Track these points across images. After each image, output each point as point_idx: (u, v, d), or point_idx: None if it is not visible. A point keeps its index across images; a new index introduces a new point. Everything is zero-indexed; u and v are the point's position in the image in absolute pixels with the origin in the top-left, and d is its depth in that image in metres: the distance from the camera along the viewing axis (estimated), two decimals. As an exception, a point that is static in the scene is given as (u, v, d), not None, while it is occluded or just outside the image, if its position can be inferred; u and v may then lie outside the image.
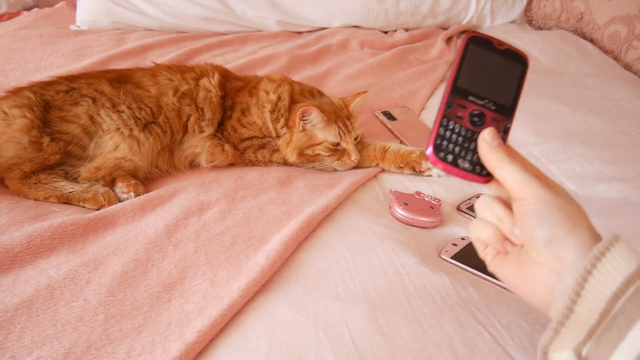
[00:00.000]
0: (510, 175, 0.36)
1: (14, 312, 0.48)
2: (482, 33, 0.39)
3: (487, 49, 0.38)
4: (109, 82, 0.74)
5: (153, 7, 1.31)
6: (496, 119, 0.38)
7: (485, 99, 0.38)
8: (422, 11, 1.45)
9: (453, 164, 0.37)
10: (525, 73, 0.39)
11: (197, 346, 0.45)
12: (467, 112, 0.38)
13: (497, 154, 0.36)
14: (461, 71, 0.38)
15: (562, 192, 0.36)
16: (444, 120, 0.38)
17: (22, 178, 0.67)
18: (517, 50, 0.39)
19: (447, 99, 0.38)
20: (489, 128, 0.37)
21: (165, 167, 0.76)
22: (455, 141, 0.38)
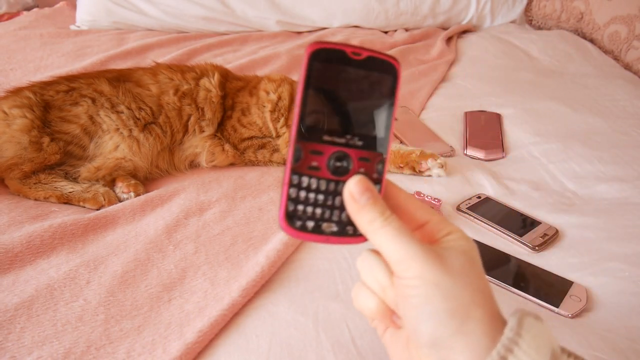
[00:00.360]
0: (385, 243, 0.26)
1: (14, 312, 0.48)
2: (328, 42, 0.27)
3: (339, 64, 0.27)
4: (109, 82, 0.74)
5: (153, 7, 1.31)
6: (366, 157, 0.28)
7: (347, 134, 0.28)
8: (423, 11, 1.45)
9: (316, 231, 0.28)
10: (398, 84, 0.28)
11: (197, 346, 0.45)
12: (324, 158, 0.28)
13: (367, 214, 0.27)
14: (307, 103, 0.27)
15: (454, 263, 0.26)
16: (293, 178, 0.28)
17: (22, 178, 0.67)
18: (382, 55, 0.28)
19: (294, 149, 0.27)
20: (355, 177, 0.28)
21: (166, 167, 0.76)
22: (315, 201, 0.28)
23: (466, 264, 0.26)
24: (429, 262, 0.26)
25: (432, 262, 0.26)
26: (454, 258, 0.26)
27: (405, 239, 0.26)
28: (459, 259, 0.26)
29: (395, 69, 0.29)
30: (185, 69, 0.80)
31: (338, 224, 0.29)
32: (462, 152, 0.86)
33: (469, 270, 0.26)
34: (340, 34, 1.37)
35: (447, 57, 1.26)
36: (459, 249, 0.27)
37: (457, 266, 0.26)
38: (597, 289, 0.55)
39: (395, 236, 0.26)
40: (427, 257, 0.26)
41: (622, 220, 0.66)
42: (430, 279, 0.25)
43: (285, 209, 0.28)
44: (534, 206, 0.70)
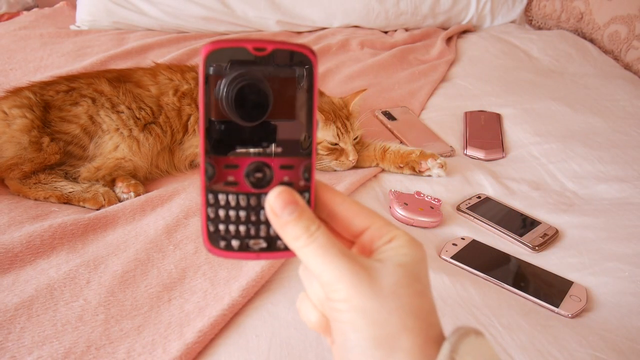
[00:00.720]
0: (311, 262, 0.24)
1: (14, 312, 0.48)
2: (225, 40, 0.24)
3: (241, 64, 0.24)
4: (109, 82, 0.74)
5: (153, 7, 1.31)
6: (288, 164, 0.25)
7: (263, 142, 0.25)
8: (423, 11, 1.45)
9: (243, 249, 0.26)
10: (314, 77, 0.25)
11: (197, 346, 0.45)
12: (241, 171, 0.25)
13: (291, 230, 0.24)
14: (211, 113, 0.24)
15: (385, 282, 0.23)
16: (209, 197, 0.25)
17: (22, 178, 0.67)
18: (292, 46, 0.25)
19: (205, 165, 0.25)
20: (275, 190, 0.25)
21: (165, 167, 0.76)
22: (237, 219, 0.25)
23: (401, 281, 0.23)
24: (358, 283, 0.22)
25: (361, 283, 0.22)
26: (387, 275, 0.23)
27: (332, 257, 0.23)
28: (393, 275, 0.23)
29: (308, 59, 0.25)
30: (185, 69, 0.80)
31: (267, 239, 0.26)
32: (462, 152, 0.86)
33: (404, 289, 0.23)
34: (340, 34, 1.37)
35: (447, 57, 1.26)
36: (396, 261, 0.24)
37: (389, 285, 0.23)
38: (597, 289, 0.55)
39: (321, 255, 0.23)
40: (356, 278, 0.23)
41: (622, 220, 0.66)
42: (357, 304, 0.22)
43: (207, 230, 0.25)
44: (534, 206, 0.70)
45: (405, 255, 0.24)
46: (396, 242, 0.25)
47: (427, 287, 0.24)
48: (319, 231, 0.24)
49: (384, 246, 0.25)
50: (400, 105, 0.99)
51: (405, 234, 0.25)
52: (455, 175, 0.78)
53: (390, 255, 0.24)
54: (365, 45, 1.31)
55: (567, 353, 0.45)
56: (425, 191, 0.72)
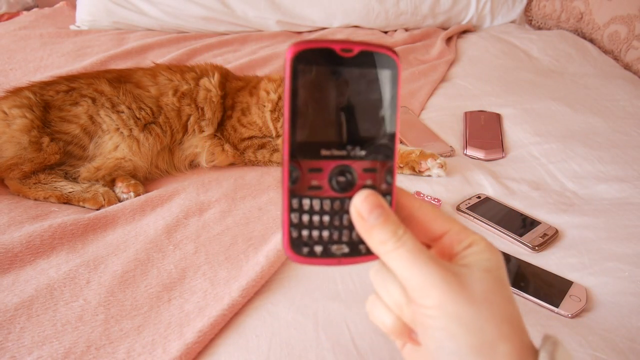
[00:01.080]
0: (400, 267, 0.24)
1: (13, 312, 0.48)
2: (311, 41, 0.24)
3: (329, 64, 0.24)
4: (109, 82, 0.74)
5: (153, 7, 1.31)
6: (371, 167, 0.25)
7: (348, 145, 0.25)
8: (422, 11, 1.45)
9: (326, 255, 0.25)
10: (399, 79, 0.25)
11: (197, 346, 0.45)
12: (325, 175, 0.25)
13: (378, 234, 0.24)
14: (296, 116, 0.24)
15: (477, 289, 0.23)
16: (292, 202, 0.25)
17: (22, 178, 0.67)
18: (378, 47, 0.25)
19: (289, 169, 0.24)
20: (362, 193, 0.25)
21: (165, 167, 0.76)
22: (320, 224, 0.25)
23: (491, 288, 0.23)
24: (450, 290, 0.23)
25: (453, 290, 0.23)
26: (477, 281, 0.23)
27: (422, 263, 0.23)
28: (483, 282, 0.23)
29: (393, 61, 0.25)
30: (185, 69, 0.80)
31: (349, 244, 0.26)
32: (462, 152, 0.86)
33: (495, 295, 0.23)
34: (340, 34, 1.37)
35: (447, 57, 1.26)
36: (482, 266, 0.24)
37: (481, 292, 0.23)
38: (597, 289, 0.55)
39: (410, 260, 0.23)
40: (447, 285, 0.23)
41: (622, 220, 0.66)
42: (452, 311, 0.22)
43: (289, 237, 0.25)
44: (534, 206, 0.70)
45: (488, 260, 0.24)
46: (476, 247, 0.25)
47: (512, 293, 0.24)
48: (406, 235, 0.24)
49: (464, 251, 0.25)
50: (400, 105, 0.99)
51: (483, 239, 0.25)
52: (455, 175, 0.78)
53: (473, 261, 0.24)
54: (365, 45, 1.31)
55: (567, 353, 0.45)
56: (425, 191, 0.72)
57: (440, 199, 0.69)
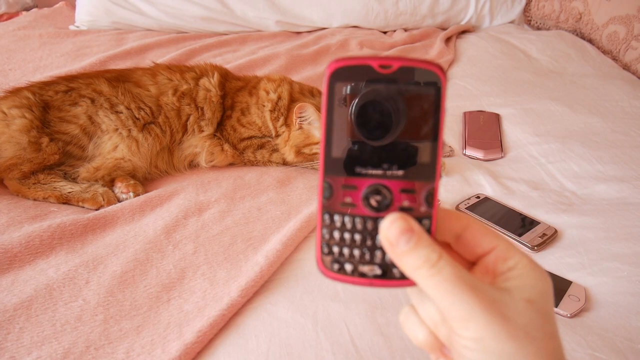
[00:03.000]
0: (437, 296, 0.22)
1: (13, 312, 0.48)
2: (350, 57, 0.23)
3: (367, 81, 0.23)
4: (108, 82, 0.74)
5: (152, 7, 1.31)
6: (409, 189, 0.24)
7: (384, 163, 0.24)
8: (422, 11, 1.45)
9: (356, 274, 0.25)
10: (443, 96, 0.23)
11: (196, 346, 0.45)
12: (359, 193, 0.24)
13: (410, 261, 0.23)
14: (333, 131, 0.24)
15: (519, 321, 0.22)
16: (325, 217, 0.25)
17: (22, 178, 0.67)
18: (420, 63, 0.23)
19: (323, 184, 0.24)
20: (390, 217, 0.23)
21: (165, 167, 0.76)
22: (352, 242, 0.24)
23: (534, 322, 0.22)
24: (490, 323, 0.21)
25: (494, 323, 0.21)
26: (519, 314, 0.22)
27: (461, 292, 0.22)
28: (525, 314, 0.22)
29: (437, 77, 0.23)
30: (184, 69, 0.80)
31: (382, 266, 0.24)
32: (461, 152, 0.86)
33: (537, 331, 0.22)
34: (340, 34, 1.37)
35: (446, 57, 1.26)
36: (525, 295, 0.22)
37: (523, 326, 0.22)
38: (596, 289, 0.55)
39: (447, 289, 0.22)
40: (488, 318, 0.21)
41: (621, 220, 0.66)
42: (491, 346, 0.21)
43: (321, 251, 0.25)
44: (533, 206, 0.70)
45: (533, 288, 0.23)
46: (521, 269, 0.24)
47: (556, 326, 0.23)
48: (443, 261, 0.22)
49: (508, 272, 0.24)
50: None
51: (530, 261, 0.24)
52: (454, 175, 0.78)
53: (516, 286, 0.23)
54: (364, 46, 1.31)
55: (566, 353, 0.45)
56: (425, 191, 0.72)
57: (439, 199, 0.69)
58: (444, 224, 0.25)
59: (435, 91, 0.23)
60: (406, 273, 0.23)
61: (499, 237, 0.25)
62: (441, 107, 0.24)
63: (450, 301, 0.22)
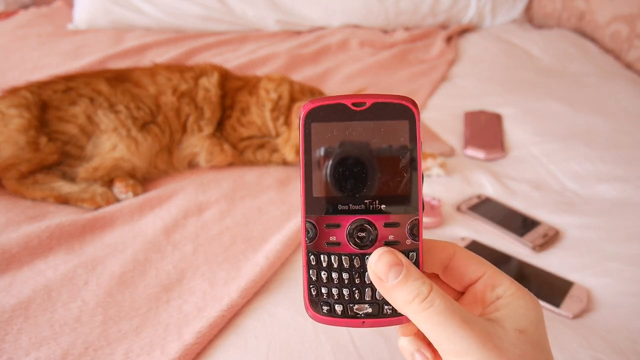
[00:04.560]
0: (430, 330, 0.22)
1: (11, 313, 0.48)
2: (322, 98, 0.24)
3: (341, 120, 0.24)
4: (107, 82, 0.74)
5: (151, 6, 1.31)
6: (393, 222, 0.24)
7: (366, 199, 0.24)
8: (423, 10, 1.44)
9: (347, 315, 0.24)
10: (417, 128, 0.24)
11: (195, 347, 0.45)
12: (343, 230, 0.24)
13: (401, 295, 0.23)
14: (311, 171, 0.24)
15: (514, 353, 0.22)
16: (311, 258, 0.24)
17: (20, 178, 0.67)
18: (391, 98, 0.24)
19: (305, 226, 0.24)
20: (376, 253, 0.23)
21: (164, 167, 0.76)
22: (339, 281, 0.24)
23: (528, 352, 0.22)
24: (486, 357, 0.21)
25: (490, 357, 0.21)
26: (512, 345, 0.22)
27: (455, 326, 0.21)
28: (518, 346, 0.22)
29: (410, 111, 0.24)
30: (184, 69, 0.80)
31: (372, 304, 0.24)
32: (462, 152, 0.86)
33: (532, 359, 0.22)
34: (340, 34, 1.36)
35: (447, 56, 1.25)
36: (517, 325, 0.22)
37: (518, 357, 0.21)
38: (598, 290, 0.55)
39: (441, 323, 0.21)
40: (484, 352, 0.21)
41: (623, 220, 0.66)
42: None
43: (308, 294, 0.25)
44: (535, 206, 0.70)
45: (524, 317, 0.23)
46: (509, 297, 0.24)
47: (550, 355, 0.23)
48: (434, 293, 0.22)
49: (497, 301, 0.24)
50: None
51: (517, 288, 0.24)
52: (455, 175, 0.77)
53: (507, 315, 0.23)
54: (365, 45, 1.31)
55: (567, 354, 0.45)
56: (425, 191, 0.72)
57: (440, 199, 0.69)
58: (430, 255, 0.25)
59: (409, 124, 0.24)
60: (397, 308, 0.23)
61: (485, 264, 0.25)
62: (417, 139, 0.24)
63: (444, 335, 0.22)
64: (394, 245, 0.24)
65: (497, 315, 0.23)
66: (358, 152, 0.24)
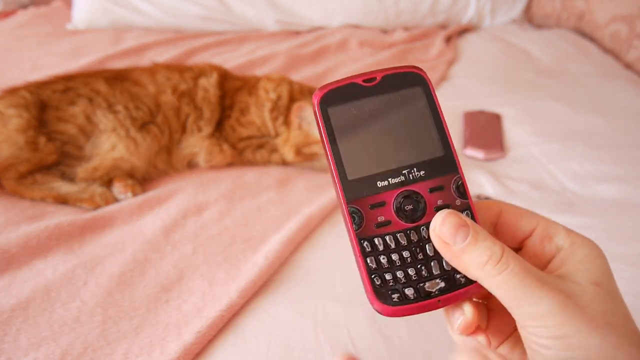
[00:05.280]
0: (507, 295, 0.21)
1: (10, 313, 0.48)
2: (333, 82, 0.24)
3: (356, 99, 0.24)
4: (106, 81, 0.74)
5: (151, 6, 1.31)
6: (438, 186, 0.23)
7: (404, 169, 0.23)
8: (422, 10, 1.44)
9: (420, 298, 0.23)
10: (432, 90, 0.25)
11: (195, 347, 0.45)
12: (390, 207, 0.23)
13: (472, 259, 0.21)
14: (340, 156, 0.23)
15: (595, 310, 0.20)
16: (365, 246, 0.23)
17: (19, 178, 0.67)
18: (400, 69, 0.25)
19: (349, 213, 0.23)
20: (439, 215, 0.22)
21: (164, 168, 0.76)
22: (402, 262, 0.23)
23: (609, 307, 0.20)
24: (571, 318, 0.20)
25: (574, 318, 0.20)
26: (593, 302, 0.20)
27: (532, 288, 0.20)
28: (599, 301, 0.20)
29: (420, 77, 0.25)
30: (183, 69, 0.80)
31: (443, 277, 0.23)
32: (462, 152, 0.86)
33: (615, 317, 0.20)
34: (339, 34, 1.36)
35: (446, 56, 1.25)
36: (591, 279, 0.21)
37: (600, 315, 0.20)
38: (598, 290, 0.55)
39: (518, 286, 0.20)
40: (568, 313, 0.20)
41: (623, 220, 0.66)
42: (576, 343, 0.20)
43: (372, 286, 0.22)
44: (534, 206, 0.70)
45: (595, 267, 0.21)
46: (572, 247, 0.22)
47: (627, 307, 0.22)
48: (508, 255, 0.20)
49: (560, 253, 0.22)
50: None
51: (576, 235, 0.23)
52: (455, 175, 0.77)
53: (578, 270, 0.21)
54: (364, 45, 1.31)
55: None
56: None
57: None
58: (479, 212, 0.24)
59: (423, 88, 0.25)
60: (468, 273, 0.21)
61: (536, 216, 0.23)
62: (435, 100, 0.25)
63: (523, 299, 0.20)
64: (445, 208, 0.23)
65: (565, 270, 0.22)
66: (383, 125, 0.24)
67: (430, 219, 0.23)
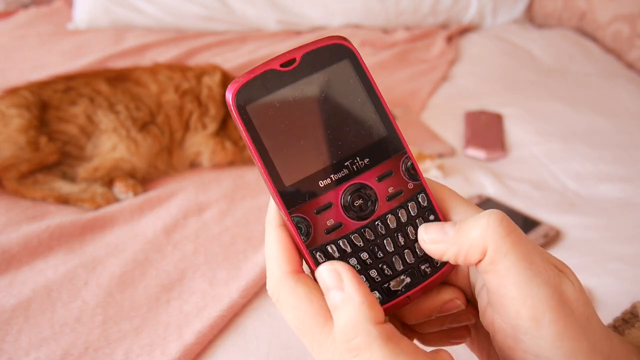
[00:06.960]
0: (505, 285, 0.19)
1: (11, 313, 0.48)
2: (245, 74, 0.20)
3: (277, 89, 0.20)
4: (107, 81, 0.74)
5: (152, 6, 1.31)
6: (385, 172, 0.21)
7: (344, 161, 0.20)
8: (423, 10, 1.44)
9: (388, 298, 0.21)
10: (360, 61, 0.21)
11: (195, 347, 0.45)
12: (337, 208, 0.20)
13: (453, 244, 0.19)
14: (272, 161, 0.20)
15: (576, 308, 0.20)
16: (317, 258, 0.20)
17: (20, 178, 0.67)
18: (321, 42, 0.21)
19: (294, 224, 0.20)
20: (421, 231, 0.21)
21: (164, 168, 0.76)
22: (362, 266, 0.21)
23: None
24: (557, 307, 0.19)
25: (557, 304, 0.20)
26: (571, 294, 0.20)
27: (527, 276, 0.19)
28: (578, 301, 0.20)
29: (345, 48, 0.21)
30: (185, 68, 0.80)
31: (407, 272, 0.21)
32: (463, 152, 0.86)
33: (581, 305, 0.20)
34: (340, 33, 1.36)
35: (447, 56, 1.25)
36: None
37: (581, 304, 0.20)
38: (600, 290, 0.55)
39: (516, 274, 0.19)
40: (560, 311, 0.19)
41: (625, 220, 0.66)
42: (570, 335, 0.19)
43: None
44: (535, 206, 0.70)
45: None
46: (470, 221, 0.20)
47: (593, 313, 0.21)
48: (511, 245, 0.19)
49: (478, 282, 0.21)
50: (401, 105, 0.99)
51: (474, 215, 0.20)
52: (455, 175, 0.77)
53: None
54: (365, 45, 1.31)
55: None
56: (426, 191, 0.71)
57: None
58: None
59: (350, 60, 0.21)
60: (458, 260, 0.19)
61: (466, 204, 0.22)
62: (365, 70, 0.21)
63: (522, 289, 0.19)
64: (398, 196, 0.21)
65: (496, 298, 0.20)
66: (313, 114, 0.20)
67: (383, 211, 0.20)
